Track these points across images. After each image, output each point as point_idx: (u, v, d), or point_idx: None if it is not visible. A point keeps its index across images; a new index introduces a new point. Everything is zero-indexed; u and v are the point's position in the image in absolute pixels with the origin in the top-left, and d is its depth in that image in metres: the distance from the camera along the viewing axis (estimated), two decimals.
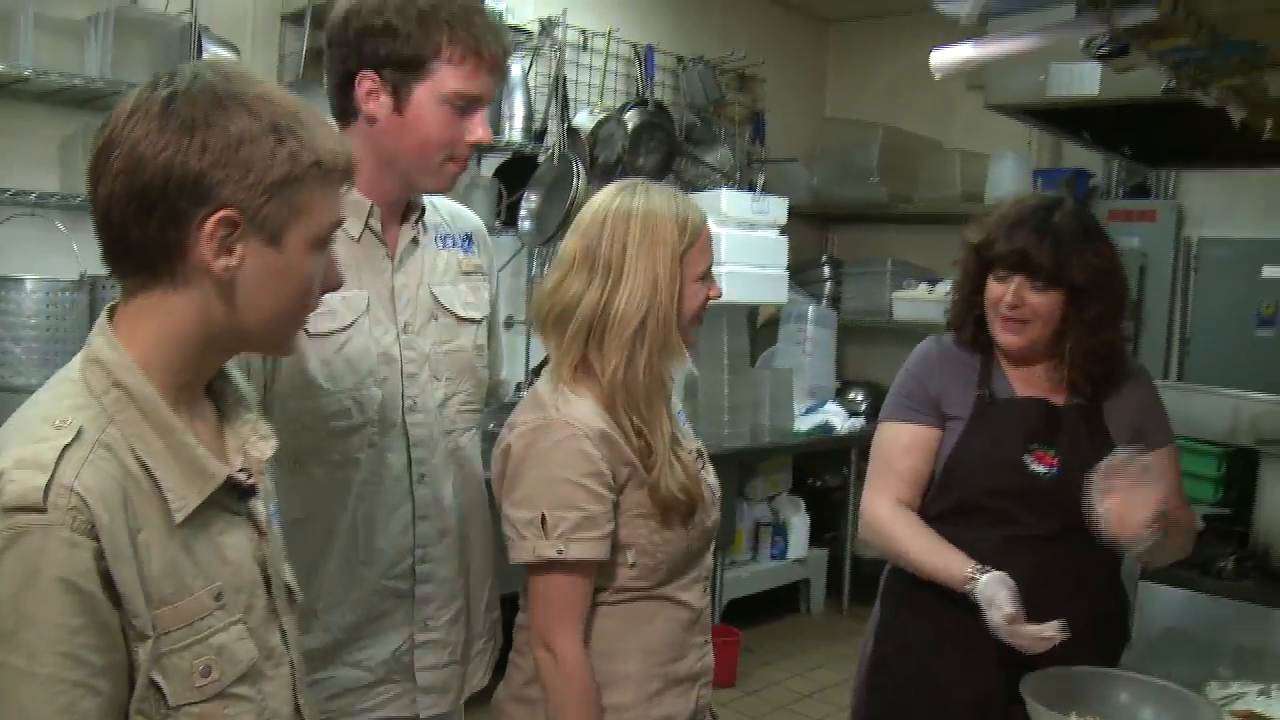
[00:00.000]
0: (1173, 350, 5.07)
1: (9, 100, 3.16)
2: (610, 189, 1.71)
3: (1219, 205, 4.98)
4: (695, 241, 1.67)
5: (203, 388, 1.21)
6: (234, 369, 1.28)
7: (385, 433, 1.69)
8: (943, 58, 1.52)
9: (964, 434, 2.03)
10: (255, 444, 1.24)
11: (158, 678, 1.07)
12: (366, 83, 1.63)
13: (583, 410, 1.63)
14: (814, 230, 6.09)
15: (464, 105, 1.64)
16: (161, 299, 1.11)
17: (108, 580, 1.02)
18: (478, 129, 1.66)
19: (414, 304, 1.74)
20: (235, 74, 1.13)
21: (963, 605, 1.88)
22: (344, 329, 1.64)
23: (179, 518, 1.09)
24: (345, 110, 1.67)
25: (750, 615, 4.86)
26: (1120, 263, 2.02)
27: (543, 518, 1.59)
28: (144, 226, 1.07)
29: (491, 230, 4.24)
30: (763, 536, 5.08)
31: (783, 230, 4.69)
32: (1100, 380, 2.01)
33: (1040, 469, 1.97)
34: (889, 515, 2.04)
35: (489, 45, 1.63)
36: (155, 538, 1.07)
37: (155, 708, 1.07)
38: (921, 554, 1.98)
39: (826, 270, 5.84)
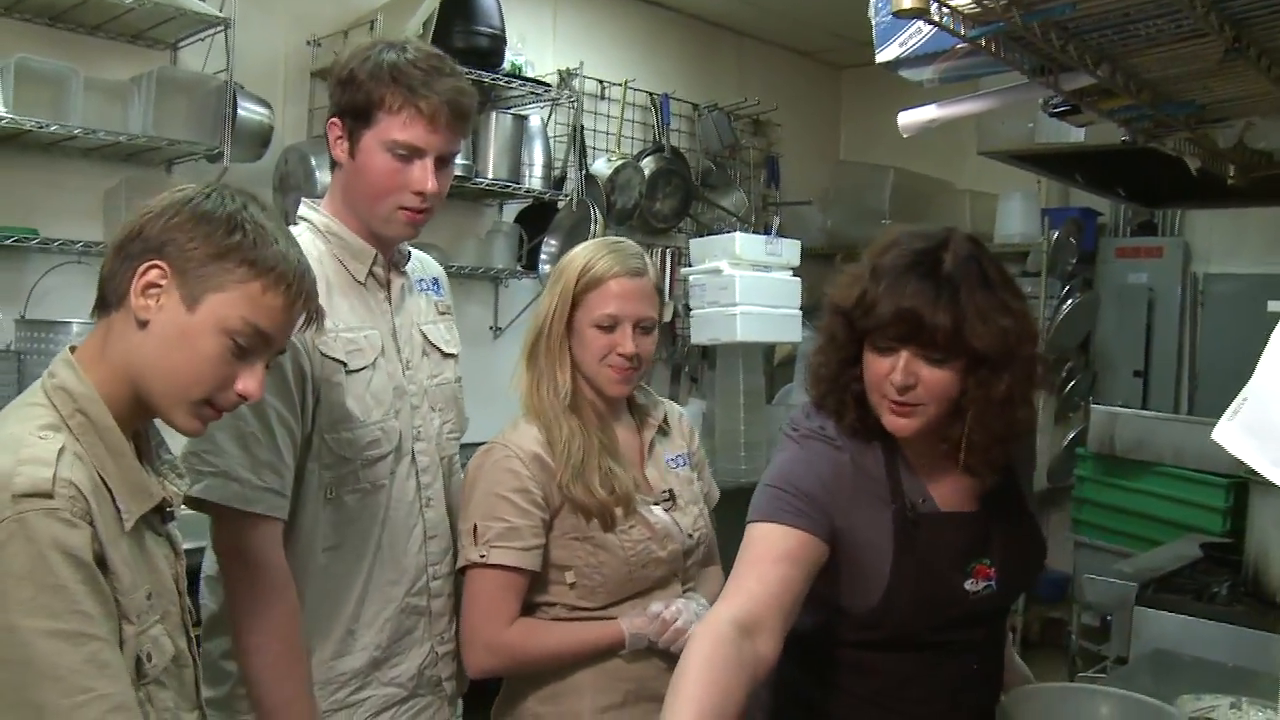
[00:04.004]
0: (1182, 384, 5.16)
1: (59, 157, 3.35)
2: None
3: (1225, 241, 5.08)
4: (595, 286, 1.85)
5: (132, 430, 1.36)
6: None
7: (400, 460, 1.83)
8: (909, 118, 1.65)
9: (894, 568, 1.58)
10: (174, 480, 1.43)
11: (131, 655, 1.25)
12: (334, 129, 1.79)
13: (523, 435, 1.85)
14: (830, 270, 6.20)
15: (405, 154, 1.75)
16: (108, 327, 1.32)
17: (101, 561, 1.20)
18: (425, 179, 1.76)
19: (410, 342, 1.90)
20: (259, 202, 1.36)
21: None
22: (369, 366, 1.79)
23: (127, 526, 1.27)
24: (332, 159, 1.83)
25: None
26: (1032, 318, 1.59)
27: (475, 527, 1.80)
28: (113, 265, 1.32)
29: (513, 274, 4.46)
30: None
31: (796, 271, 4.81)
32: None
33: (979, 585, 1.63)
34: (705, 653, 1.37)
35: (429, 100, 1.73)
36: (115, 538, 1.25)
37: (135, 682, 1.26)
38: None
39: None
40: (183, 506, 1.47)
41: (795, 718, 1.74)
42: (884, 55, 1.51)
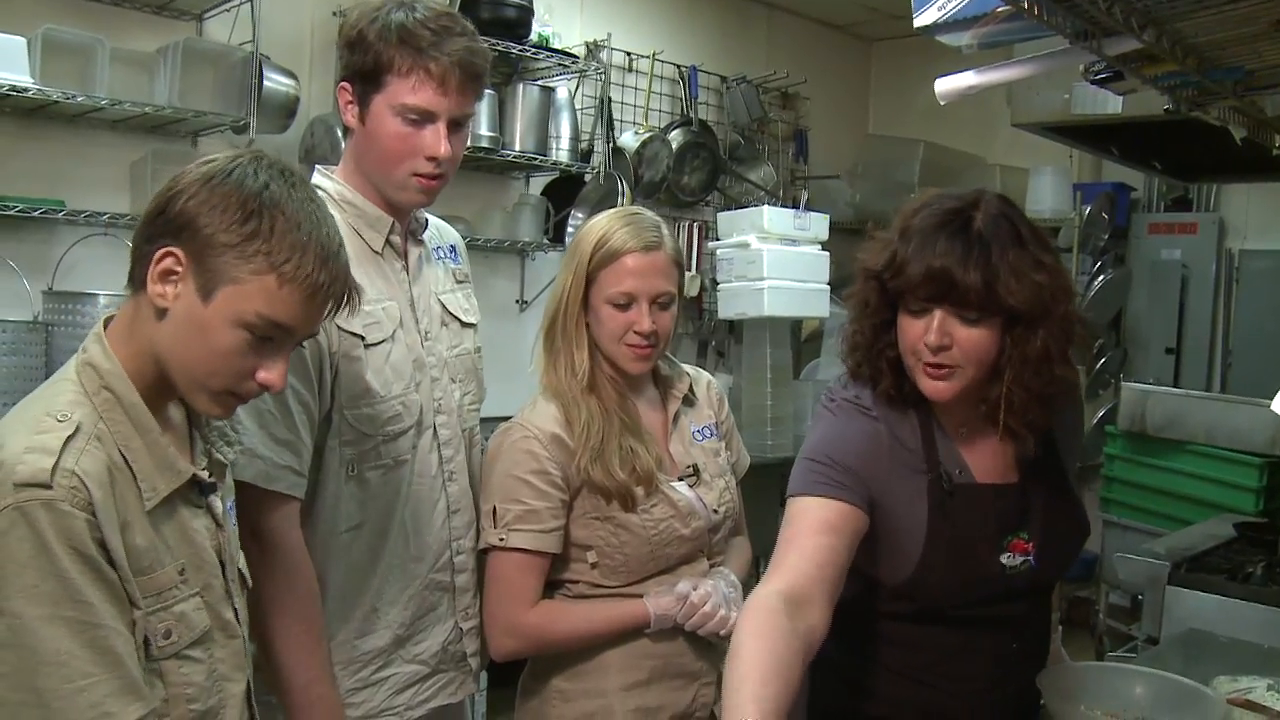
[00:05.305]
0: (1215, 362, 5.09)
1: (85, 128, 3.35)
2: None
3: (1260, 217, 5.00)
4: (609, 262, 1.80)
5: (173, 399, 1.34)
6: None
7: (421, 434, 1.80)
8: (947, 85, 1.61)
9: (928, 539, 1.56)
10: (221, 449, 1.41)
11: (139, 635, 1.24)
12: (344, 94, 1.74)
13: (541, 415, 1.82)
14: (858, 245, 6.13)
15: (416, 118, 1.69)
16: (136, 305, 1.28)
17: (103, 547, 1.18)
18: (438, 144, 1.70)
19: (429, 313, 1.86)
20: (287, 176, 1.28)
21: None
22: (388, 339, 1.76)
23: (149, 505, 1.26)
24: (346, 125, 1.78)
25: None
26: (1066, 273, 1.58)
27: (494, 509, 1.78)
28: (138, 242, 1.28)
29: (539, 247, 4.43)
30: None
31: (825, 245, 4.77)
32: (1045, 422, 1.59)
33: (1016, 560, 1.60)
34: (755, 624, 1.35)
35: (438, 61, 1.67)
36: (134, 518, 1.23)
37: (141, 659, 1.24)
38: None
39: None
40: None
41: (833, 692, 1.72)
42: (922, 19, 1.48)
